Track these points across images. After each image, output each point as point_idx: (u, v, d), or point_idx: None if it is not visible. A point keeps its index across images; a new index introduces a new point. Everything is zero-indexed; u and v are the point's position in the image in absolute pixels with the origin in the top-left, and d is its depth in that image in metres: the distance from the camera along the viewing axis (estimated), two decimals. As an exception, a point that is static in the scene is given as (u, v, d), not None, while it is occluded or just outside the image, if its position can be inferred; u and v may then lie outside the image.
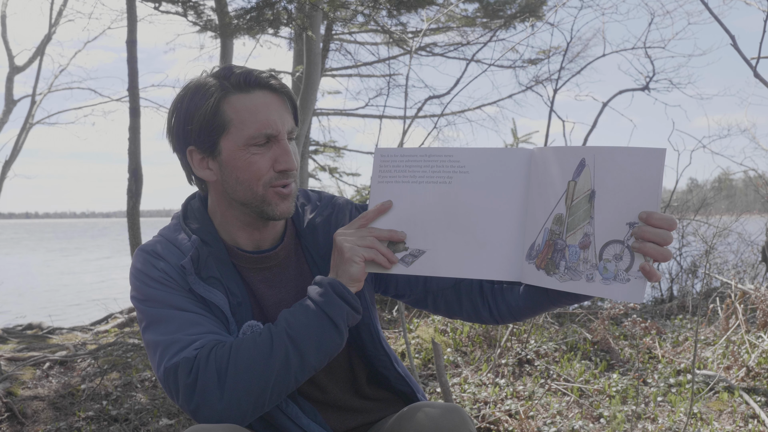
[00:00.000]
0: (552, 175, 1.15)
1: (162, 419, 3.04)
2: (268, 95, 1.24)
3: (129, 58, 5.89)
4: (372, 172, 1.28)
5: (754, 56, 2.50)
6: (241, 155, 1.23)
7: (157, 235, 1.34)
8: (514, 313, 1.33)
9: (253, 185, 1.24)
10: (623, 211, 1.06)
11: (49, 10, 11.92)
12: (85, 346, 4.63)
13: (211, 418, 1.12)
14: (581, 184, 1.11)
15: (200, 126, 1.23)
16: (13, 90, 12.04)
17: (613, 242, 1.07)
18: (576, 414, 3.13)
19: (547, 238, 1.14)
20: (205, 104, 1.22)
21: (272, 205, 1.25)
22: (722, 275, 6.24)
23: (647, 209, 1.04)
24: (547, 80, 8.36)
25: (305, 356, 1.15)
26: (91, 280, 15.81)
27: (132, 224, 5.91)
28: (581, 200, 1.10)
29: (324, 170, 10.57)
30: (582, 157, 1.11)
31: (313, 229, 1.37)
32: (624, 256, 1.06)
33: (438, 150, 1.25)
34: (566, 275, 1.11)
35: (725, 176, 9.01)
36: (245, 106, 1.22)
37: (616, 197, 1.07)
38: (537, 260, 1.16)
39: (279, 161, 1.23)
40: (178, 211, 1.38)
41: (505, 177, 1.20)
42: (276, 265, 1.34)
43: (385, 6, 7.10)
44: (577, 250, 1.10)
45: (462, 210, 1.21)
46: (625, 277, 1.05)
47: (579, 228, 1.10)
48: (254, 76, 1.23)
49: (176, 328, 1.19)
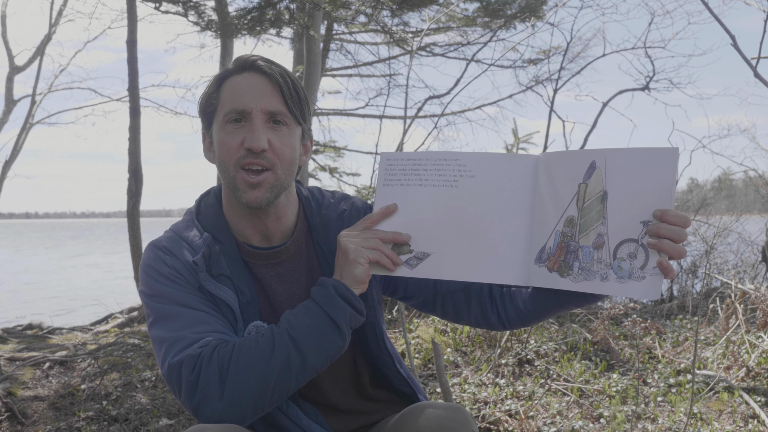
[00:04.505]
0: (560, 178, 1.16)
1: (162, 419, 3.04)
2: (254, 77, 1.25)
3: (129, 58, 5.89)
4: (377, 176, 1.29)
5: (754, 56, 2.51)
6: (219, 133, 1.26)
7: (168, 231, 1.34)
8: (522, 317, 1.32)
9: (226, 164, 1.25)
10: (637, 210, 1.08)
11: (49, 10, 11.93)
12: (85, 346, 4.63)
13: (211, 417, 1.13)
14: (592, 186, 1.12)
15: (203, 108, 1.30)
16: (13, 90, 12.05)
17: (627, 241, 1.09)
18: (576, 414, 3.13)
19: (559, 241, 1.15)
20: (208, 87, 1.29)
21: (240, 191, 1.24)
22: (722, 275, 6.24)
23: (662, 207, 1.06)
24: (547, 80, 8.36)
25: (306, 357, 1.15)
26: (90, 280, 15.81)
27: (132, 224, 5.92)
28: (593, 201, 1.12)
29: (324, 170, 10.56)
30: (592, 159, 1.13)
31: (325, 224, 1.36)
32: (638, 254, 1.08)
33: (444, 154, 1.25)
34: (580, 276, 1.12)
35: (725, 176, 9.01)
36: (230, 86, 1.26)
37: (630, 197, 1.09)
38: (549, 263, 1.16)
39: (246, 138, 1.23)
40: (192, 206, 1.38)
41: (512, 182, 1.20)
42: (287, 260, 1.34)
43: (388, 5, 7.10)
44: (591, 250, 1.12)
45: (468, 214, 1.21)
46: (640, 274, 1.07)
47: (592, 229, 1.12)
48: (245, 59, 1.26)
49: (182, 325, 1.19)
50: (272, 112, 1.24)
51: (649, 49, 7.47)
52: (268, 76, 1.24)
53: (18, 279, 16.18)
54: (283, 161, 1.25)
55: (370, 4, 7.14)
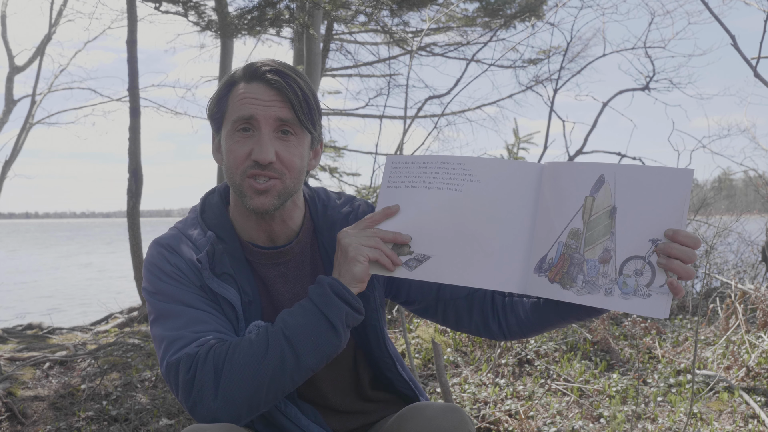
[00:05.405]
0: (566, 189, 1.15)
1: (162, 419, 3.04)
2: (262, 87, 1.24)
3: (129, 58, 5.89)
4: (382, 179, 1.29)
5: (754, 56, 2.51)
6: (227, 141, 1.26)
7: (173, 228, 1.34)
8: (523, 327, 1.32)
9: (233, 173, 1.25)
10: (647, 228, 1.08)
11: (49, 10, 11.96)
12: (85, 346, 4.63)
13: (206, 416, 1.13)
14: (600, 200, 1.12)
15: (211, 113, 1.30)
16: (13, 90, 12.07)
17: (634, 258, 1.08)
18: (576, 414, 3.13)
19: (562, 252, 1.14)
20: (217, 92, 1.29)
21: (247, 197, 1.25)
22: (722, 275, 6.24)
23: (673, 227, 1.05)
24: (547, 80, 8.35)
25: (301, 357, 1.14)
26: (81, 279, 15.80)
27: (132, 224, 5.92)
28: (601, 216, 1.11)
29: (324, 170, 10.55)
30: (600, 173, 1.12)
31: (330, 226, 1.36)
32: (645, 272, 1.07)
33: (449, 158, 1.24)
34: (584, 289, 1.11)
35: (725, 176, 9.01)
36: (239, 94, 1.25)
37: (641, 214, 1.08)
38: (550, 273, 1.15)
39: (253, 150, 1.22)
40: (197, 204, 1.38)
41: (516, 189, 1.20)
42: (291, 261, 1.34)
43: (388, 5, 7.10)
44: (597, 264, 1.11)
45: (470, 218, 1.20)
46: (646, 292, 1.07)
47: (599, 243, 1.11)
48: (255, 68, 1.25)
49: (182, 324, 1.20)
50: (281, 122, 1.23)
51: (649, 49, 7.47)
52: (277, 87, 1.23)
53: (10, 279, 16.15)
54: (292, 171, 1.25)
55: (370, 4, 7.14)
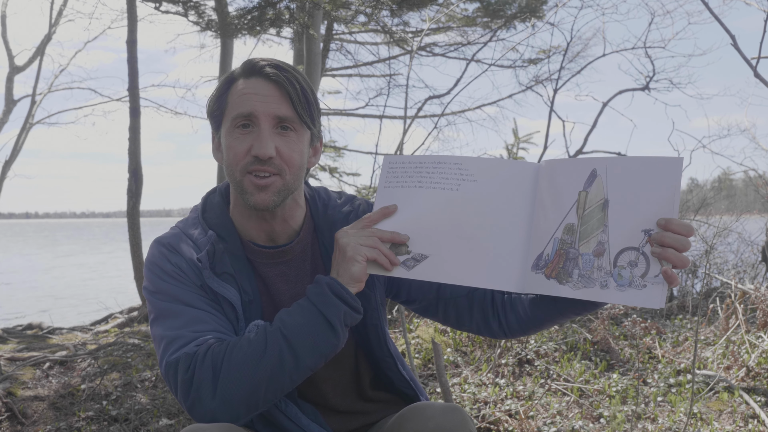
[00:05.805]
0: (561, 186, 1.16)
1: (162, 419, 3.04)
2: (262, 82, 1.24)
3: (129, 58, 5.89)
4: (379, 179, 1.29)
5: (754, 56, 2.51)
6: (227, 138, 1.26)
7: (174, 227, 1.34)
8: (522, 325, 1.32)
9: (233, 169, 1.25)
10: (639, 219, 1.08)
11: (49, 10, 11.95)
12: (85, 346, 4.63)
13: (205, 416, 1.13)
14: (593, 194, 1.12)
15: (211, 110, 1.30)
16: (13, 90, 12.06)
17: (628, 249, 1.09)
18: (576, 414, 3.13)
19: (557, 248, 1.15)
20: (216, 90, 1.29)
21: (248, 193, 1.24)
22: (722, 275, 6.24)
23: (666, 216, 1.06)
24: (547, 80, 8.36)
25: (299, 356, 1.14)
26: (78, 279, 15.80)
27: (132, 224, 5.92)
28: (594, 209, 1.12)
29: (324, 170, 10.55)
30: (593, 167, 1.13)
31: (331, 225, 1.36)
32: (639, 263, 1.07)
33: (447, 158, 1.24)
34: (580, 283, 1.12)
35: (725, 176, 9.01)
36: (238, 91, 1.25)
37: (632, 205, 1.09)
38: (546, 270, 1.15)
39: (253, 146, 1.22)
40: (198, 204, 1.38)
41: (513, 188, 1.20)
42: (291, 260, 1.34)
43: (388, 5, 7.10)
44: (591, 258, 1.11)
45: (468, 217, 1.20)
46: (641, 283, 1.07)
47: (592, 236, 1.12)
48: (253, 63, 1.26)
49: (182, 323, 1.20)
50: (280, 117, 1.23)
51: (649, 49, 7.48)
52: (276, 82, 1.23)
53: (17, 279, 16.18)
54: (292, 167, 1.25)
55: (370, 4, 7.14)
